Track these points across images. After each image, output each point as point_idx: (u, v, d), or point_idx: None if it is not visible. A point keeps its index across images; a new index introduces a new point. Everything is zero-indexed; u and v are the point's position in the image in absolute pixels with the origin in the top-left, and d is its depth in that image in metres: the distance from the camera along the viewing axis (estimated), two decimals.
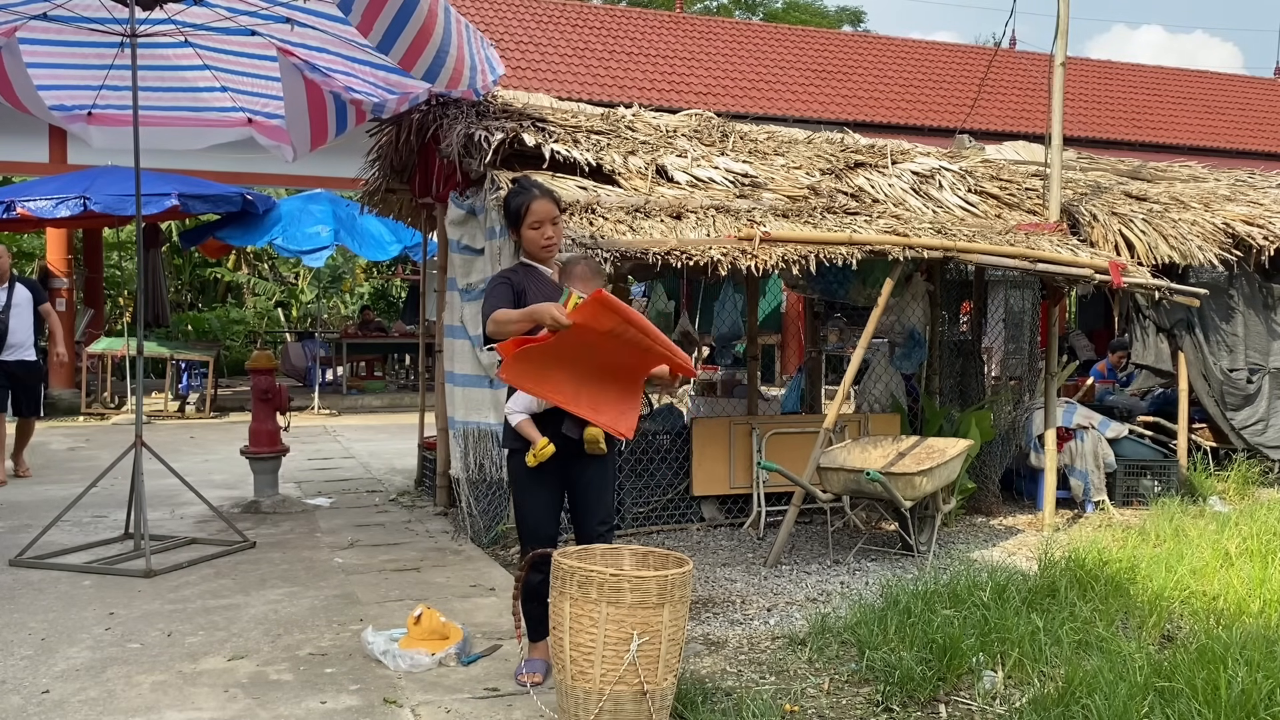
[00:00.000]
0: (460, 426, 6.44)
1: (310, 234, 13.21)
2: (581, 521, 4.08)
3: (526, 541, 4.05)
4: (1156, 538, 6.16)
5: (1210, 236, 7.96)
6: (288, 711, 3.78)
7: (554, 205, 4.03)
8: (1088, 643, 4.23)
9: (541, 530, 4.02)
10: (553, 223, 4.00)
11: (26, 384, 8.39)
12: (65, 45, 6.41)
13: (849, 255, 5.96)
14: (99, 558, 5.93)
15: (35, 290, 8.66)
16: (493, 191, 5.95)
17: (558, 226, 4.04)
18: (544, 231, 3.98)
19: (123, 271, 19.88)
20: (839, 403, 6.30)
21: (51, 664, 4.23)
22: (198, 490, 6.53)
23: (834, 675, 4.14)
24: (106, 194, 11.65)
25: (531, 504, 4.02)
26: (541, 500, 4.01)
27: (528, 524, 4.04)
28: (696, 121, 7.63)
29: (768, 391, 11.10)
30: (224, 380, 15.64)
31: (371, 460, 9.77)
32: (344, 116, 6.40)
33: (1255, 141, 19.46)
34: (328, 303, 21.36)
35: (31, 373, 8.42)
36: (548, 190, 4.09)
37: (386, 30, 5.38)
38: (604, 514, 4.05)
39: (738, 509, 7.00)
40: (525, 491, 4.02)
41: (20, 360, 8.28)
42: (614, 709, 3.43)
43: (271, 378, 7.61)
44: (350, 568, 5.80)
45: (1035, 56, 20.11)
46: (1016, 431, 7.59)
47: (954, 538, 6.69)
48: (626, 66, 16.79)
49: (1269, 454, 8.47)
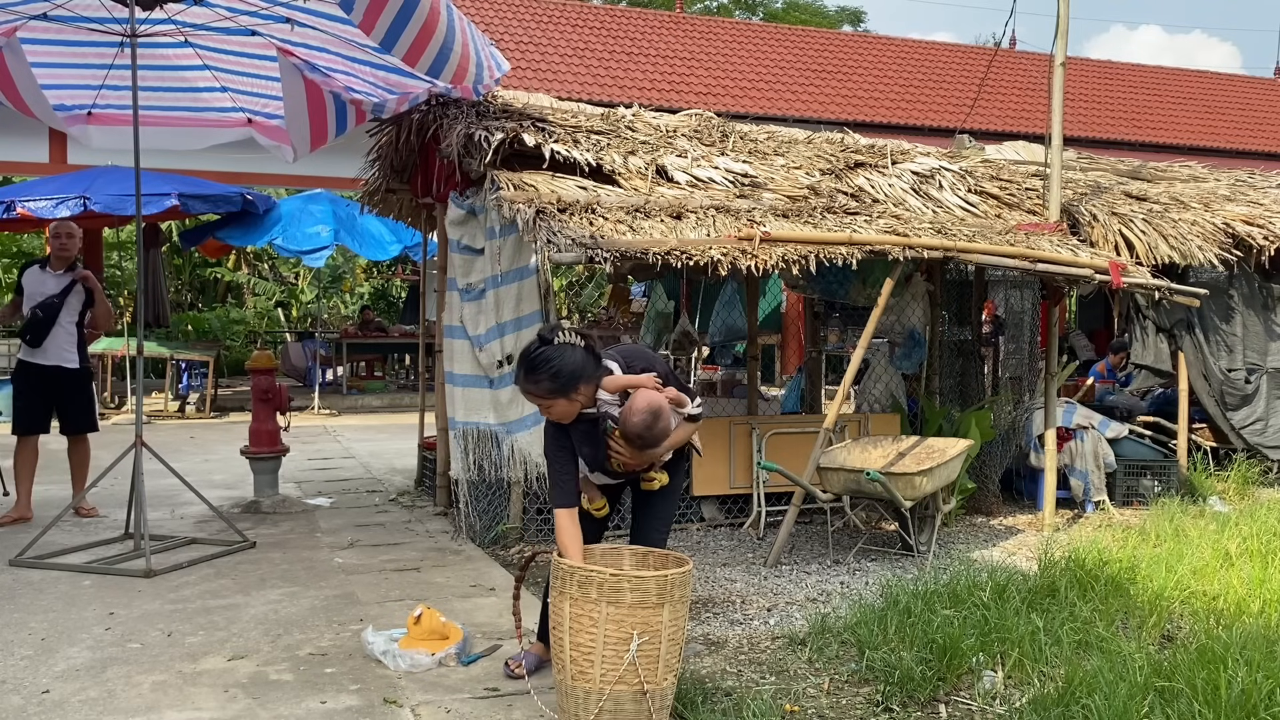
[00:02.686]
0: (460, 427, 6.44)
1: (310, 234, 13.20)
2: (640, 523, 4.03)
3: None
4: (1156, 538, 6.15)
5: (1210, 236, 7.96)
6: (288, 711, 3.78)
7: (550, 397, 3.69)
8: (1088, 643, 4.22)
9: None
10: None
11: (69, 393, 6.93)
12: (65, 45, 6.41)
13: (849, 255, 5.95)
14: (99, 558, 5.93)
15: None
16: (493, 191, 5.96)
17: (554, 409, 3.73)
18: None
19: (123, 271, 19.86)
20: (839, 403, 6.30)
21: (51, 664, 4.23)
22: (198, 490, 6.52)
23: (834, 675, 4.14)
24: (106, 194, 11.64)
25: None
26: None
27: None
28: (696, 121, 7.63)
29: (768, 391, 11.11)
30: (224, 380, 15.64)
31: (371, 460, 9.77)
32: (344, 116, 6.40)
33: (1255, 141, 19.45)
34: (328, 303, 21.35)
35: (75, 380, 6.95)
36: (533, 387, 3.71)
37: (390, 27, 5.38)
38: (662, 522, 4.01)
39: (738, 509, 7.00)
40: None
41: (58, 366, 6.84)
42: (614, 709, 3.43)
43: (271, 378, 7.61)
44: (350, 568, 5.80)
45: (1035, 56, 20.09)
46: (1016, 431, 7.59)
47: (954, 538, 6.69)
48: (626, 66, 16.79)
49: (1269, 454, 8.48)
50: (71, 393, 6.92)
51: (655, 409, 3.59)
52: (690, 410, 3.81)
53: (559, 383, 3.62)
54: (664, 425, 3.61)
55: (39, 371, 6.77)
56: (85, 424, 7.02)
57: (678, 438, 3.80)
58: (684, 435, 3.85)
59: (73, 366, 6.86)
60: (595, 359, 3.70)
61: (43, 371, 6.78)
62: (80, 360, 6.92)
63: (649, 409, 3.59)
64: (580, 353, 3.65)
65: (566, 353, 3.62)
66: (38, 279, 6.84)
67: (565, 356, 3.62)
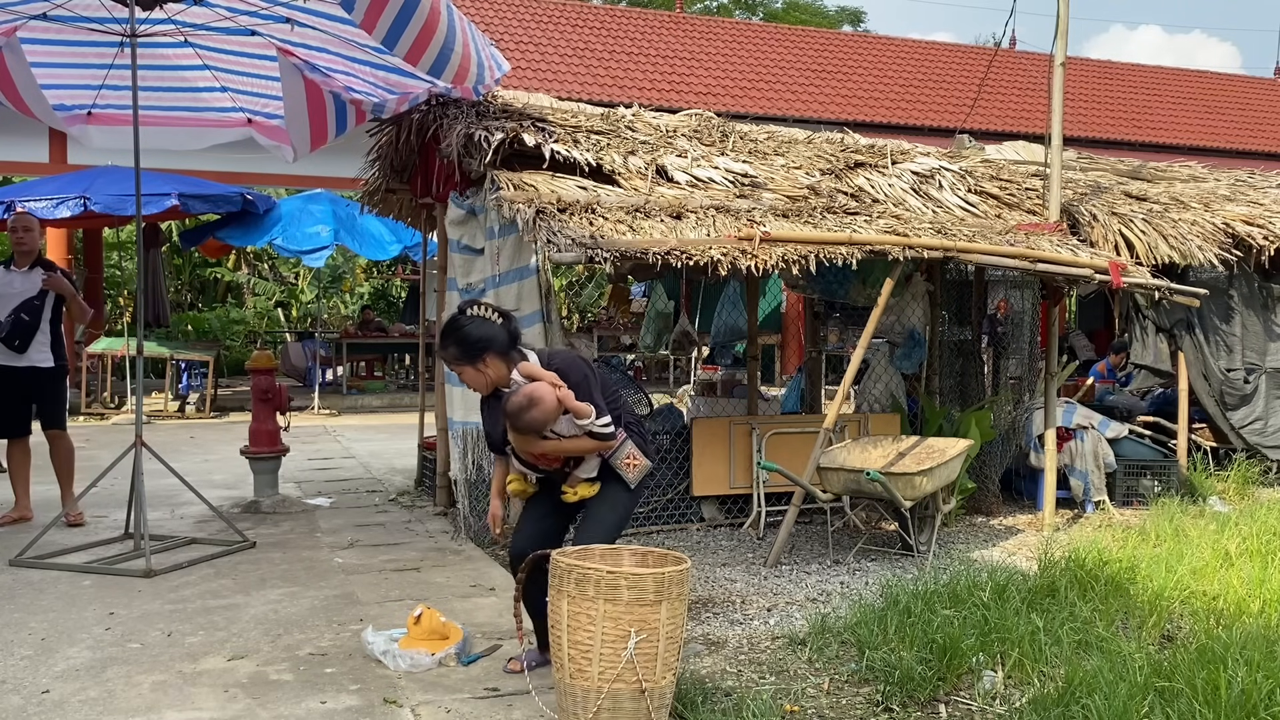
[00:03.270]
0: (459, 427, 6.44)
1: (310, 234, 13.21)
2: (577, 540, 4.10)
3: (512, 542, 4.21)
4: (1156, 538, 6.15)
5: (1210, 236, 7.96)
6: (288, 711, 3.78)
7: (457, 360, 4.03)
8: (1088, 643, 4.22)
9: (519, 533, 4.18)
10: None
11: (45, 392, 6.84)
12: (65, 45, 6.41)
13: (849, 255, 5.95)
14: (99, 558, 5.93)
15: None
16: (492, 191, 5.95)
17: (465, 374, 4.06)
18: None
19: (123, 271, 19.89)
20: (839, 403, 6.30)
21: (51, 664, 4.23)
22: (198, 490, 6.52)
23: (834, 675, 4.14)
24: (106, 194, 11.65)
25: (524, 509, 4.23)
26: (530, 506, 4.21)
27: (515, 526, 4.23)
28: (696, 121, 7.63)
29: (768, 391, 11.08)
30: (224, 380, 15.64)
31: (371, 460, 9.77)
32: (344, 116, 6.40)
33: (1255, 141, 19.46)
34: (328, 303, 21.36)
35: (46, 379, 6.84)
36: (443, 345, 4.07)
37: (391, 26, 5.38)
38: (597, 539, 4.00)
39: (738, 509, 7.00)
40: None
41: (32, 366, 6.73)
42: (612, 707, 3.43)
43: (271, 378, 7.61)
44: (350, 568, 5.80)
45: (1035, 56, 20.09)
46: (1016, 431, 7.59)
47: (954, 538, 6.69)
48: (626, 66, 16.80)
49: (1268, 454, 8.48)
50: (44, 390, 6.82)
51: (534, 398, 3.78)
52: (591, 426, 3.89)
53: (463, 349, 3.93)
54: (536, 415, 3.77)
55: (13, 374, 6.70)
56: (51, 420, 6.85)
57: (568, 445, 3.93)
58: (577, 446, 3.94)
59: (47, 366, 6.78)
60: (510, 338, 3.96)
61: (16, 373, 6.71)
62: (56, 359, 6.83)
63: (527, 395, 3.79)
64: (492, 327, 3.93)
65: (476, 324, 3.93)
66: (4, 280, 6.73)
67: (474, 327, 3.92)
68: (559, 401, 3.81)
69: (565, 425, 3.89)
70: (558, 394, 3.81)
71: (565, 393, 3.84)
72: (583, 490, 4.03)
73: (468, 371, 3.98)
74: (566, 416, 3.86)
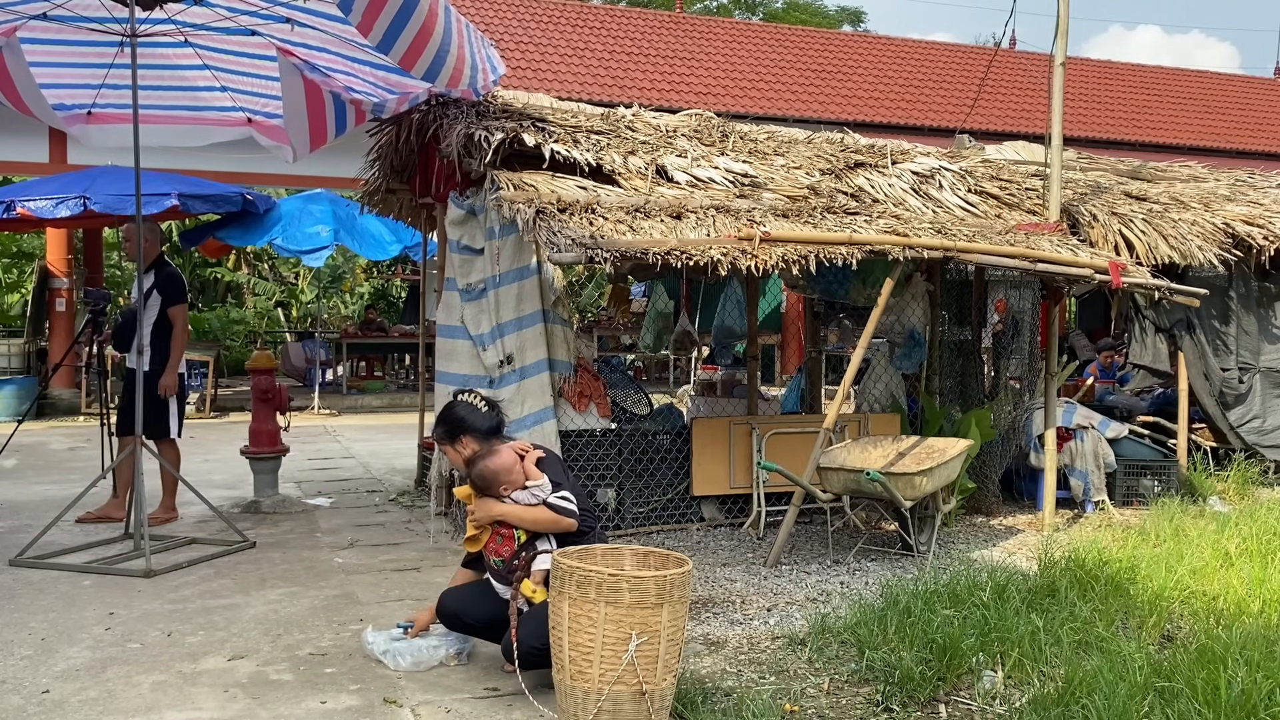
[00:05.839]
0: None
1: (310, 234, 13.20)
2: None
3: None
4: (1156, 538, 6.15)
5: (1210, 236, 7.96)
6: (288, 711, 3.78)
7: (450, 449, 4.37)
8: (1088, 643, 4.23)
9: (454, 589, 4.32)
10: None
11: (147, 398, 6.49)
12: (64, 45, 6.40)
13: (849, 255, 5.95)
14: (99, 558, 5.93)
15: (172, 287, 6.99)
16: (492, 191, 5.95)
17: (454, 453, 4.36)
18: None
19: (123, 271, 19.85)
20: (839, 403, 6.30)
21: (51, 664, 4.23)
22: (198, 490, 6.52)
23: (834, 675, 4.14)
24: (106, 194, 11.62)
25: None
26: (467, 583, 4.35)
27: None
28: (696, 121, 7.63)
29: (768, 391, 11.09)
30: (224, 380, 15.63)
31: (371, 460, 9.77)
32: (344, 116, 6.40)
33: (1255, 141, 19.46)
34: (328, 303, 21.36)
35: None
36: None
37: (387, 30, 5.37)
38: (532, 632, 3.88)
39: (738, 509, 7.00)
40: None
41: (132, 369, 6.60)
42: (613, 708, 3.43)
43: (271, 378, 7.61)
44: (350, 568, 5.80)
45: (1035, 56, 20.10)
46: (1016, 431, 7.59)
47: (954, 538, 6.69)
48: (626, 66, 16.79)
49: (1267, 454, 8.48)
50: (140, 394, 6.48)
51: (493, 450, 4.09)
52: (550, 499, 4.05)
53: (444, 429, 4.35)
54: (491, 463, 4.04)
55: (129, 374, 6.83)
56: (147, 428, 6.55)
57: (524, 514, 4.05)
58: (534, 516, 4.04)
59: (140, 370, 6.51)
60: (493, 427, 4.33)
61: (130, 374, 6.76)
62: (151, 363, 6.75)
63: (493, 455, 4.07)
64: (476, 413, 4.32)
65: (460, 408, 4.36)
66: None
67: (457, 410, 4.35)
68: (517, 462, 4.07)
69: (524, 496, 4.07)
70: (523, 469, 4.08)
71: (532, 471, 4.10)
72: (540, 592, 3.92)
73: (449, 451, 4.31)
74: (526, 490, 4.07)
